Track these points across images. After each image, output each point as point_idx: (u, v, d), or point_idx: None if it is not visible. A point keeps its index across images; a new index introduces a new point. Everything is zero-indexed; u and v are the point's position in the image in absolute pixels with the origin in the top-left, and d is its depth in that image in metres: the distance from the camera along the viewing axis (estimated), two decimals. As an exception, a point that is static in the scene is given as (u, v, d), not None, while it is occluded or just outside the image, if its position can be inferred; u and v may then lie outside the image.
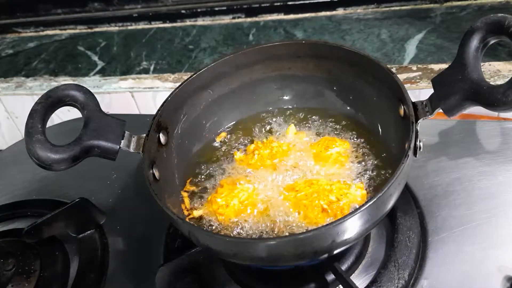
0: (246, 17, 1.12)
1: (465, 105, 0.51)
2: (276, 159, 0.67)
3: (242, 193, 0.62)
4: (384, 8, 1.03)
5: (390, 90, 0.61)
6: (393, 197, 0.52)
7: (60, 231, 0.74)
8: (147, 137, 0.61)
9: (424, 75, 0.90)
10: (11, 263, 0.70)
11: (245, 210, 0.61)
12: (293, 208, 0.60)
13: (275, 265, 0.59)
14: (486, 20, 0.50)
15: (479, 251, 0.62)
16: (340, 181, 0.62)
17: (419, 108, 0.56)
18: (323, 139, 0.68)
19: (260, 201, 0.63)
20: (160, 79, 1.06)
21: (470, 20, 0.95)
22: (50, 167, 0.56)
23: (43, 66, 1.19)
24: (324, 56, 0.69)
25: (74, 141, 0.58)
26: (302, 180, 0.63)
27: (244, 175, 0.67)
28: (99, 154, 0.59)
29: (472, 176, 0.71)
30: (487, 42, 0.51)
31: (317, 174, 0.65)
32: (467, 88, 0.50)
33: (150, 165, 0.60)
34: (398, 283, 0.60)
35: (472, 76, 0.50)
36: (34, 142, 0.55)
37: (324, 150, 0.66)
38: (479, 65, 0.51)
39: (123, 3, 1.18)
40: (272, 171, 0.66)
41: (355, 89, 0.69)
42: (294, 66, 0.72)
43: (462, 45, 0.52)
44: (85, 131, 0.58)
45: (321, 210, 0.58)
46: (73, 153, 0.57)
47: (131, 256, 0.72)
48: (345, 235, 0.49)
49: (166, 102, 0.65)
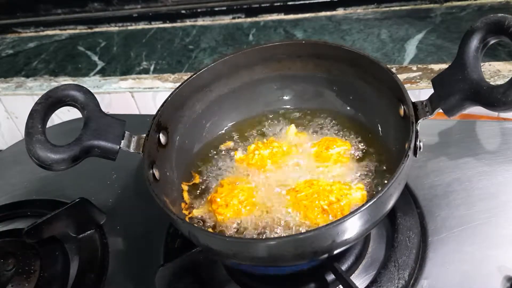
0: (246, 17, 1.12)
1: (465, 105, 0.51)
2: (276, 159, 0.67)
3: (241, 193, 0.62)
4: (384, 8, 1.03)
5: (390, 90, 0.61)
6: (393, 198, 0.52)
7: (60, 231, 0.74)
8: (147, 137, 0.61)
9: (424, 75, 0.90)
10: (11, 263, 0.70)
11: (244, 210, 0.61)
12: (292, 209, 0.60)
13: (275, 265, 0.59)
14: (486, 20, 0.50)
15: (479, 251, 0.62)
16: (341, 182, 0.62)
17: (419, 108, 0.56)
18: (324, 139, 0.68)
19: (260, 201, 0.63)
20: (160, 79, 1.06)
21: (470, 20, 0.95)
22: (50, 167, 0.56)
23: (43, 66, 1.19)
24: (324, 56, 0.69)
25: (74, 141, 0.58)
26: (302, 181, 0.63)
27: (245, 175, 0.67)
28: (99, 154, 0.59)
29: (472, 176, 0.71)
30: (487, 42, 0.51)
31: (318, 174, 0.65)
32: (467, 88, 0.50)
33: (150, 165, 0.60)
34: (398, 283, 0.60)
35: (472, 76, 0.50)
36: (34, 142, 0.55)
37: (325, 151, 0.66)
38: (479, 65, 0.51)
39: (123, 3, 1.18)
40: (272, 171, 0.66)
41: (355, 89, 0.69)
42: (294, 66, 0.72)
43: (462, 45, 0.52)
44: (85, 131, 0.58)
45: (321, 210, 0.58)
46: (73, 153, 0.57)
47: (131, 256, 0.72)
48: (345, 235, 0.49)
49: (166, 102, 0.65)
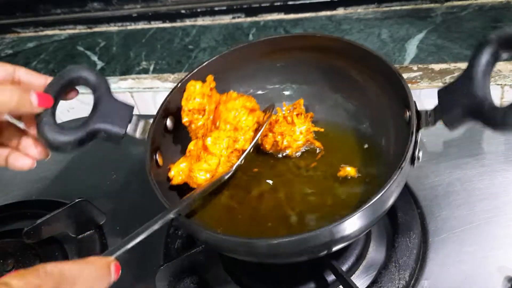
0: (246, 17, 1.11)
1: (465, 120, 0.50)
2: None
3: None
4: (384, 8, 1.03)
5: (396, 94, 0.60)
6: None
7: (59, 232, 0.74)
8: (153, 123, 0.62)
9: (424, 75, 0.90)
10: (10, 264, 0.70)
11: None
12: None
13: (271, 261, 0.59)
14: (500, 34, 0.48)
15: (480, 252, 0.62)
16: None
17: (423, 118, 0.54)
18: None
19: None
20: (159, 79, 1.05)
21: (471, 20, 0.95)
22: (56, 149, 0.57)
23: (43, 66, 1.18)
24: (328, 50, 0.68)
25: (81, 124, 0.58)
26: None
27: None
28: (105, 137, 0.60)
29: (472, 176, 0.71)
30: (498, 56, 0.49)
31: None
32: (470, 104, 0.48)
33: (154, 150, 0.61)
34: (399, 284, 0.60)
35: (477, 92, 0.48)
36: (44, 124, 0.56)
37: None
38: (487, 81, 0.49)
39: (122, 3, 1.18)
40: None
41: (358, 87, 0.68)
42: (296, 60, 0.72)
43: (473, 58, 0.49)
44: (93, 114, 0.59)
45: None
46: (79, 136, 0.57)
47: (131, 256, 0.72)
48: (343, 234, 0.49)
49: (176, 88, 0.65)
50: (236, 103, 0.63)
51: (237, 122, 0.63)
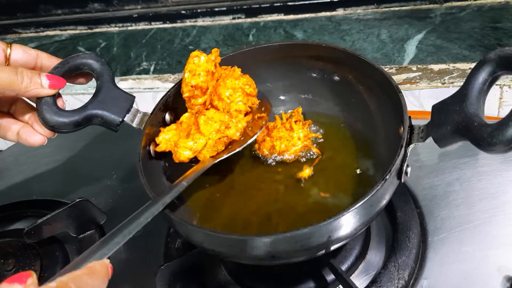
0: (246, 18, 1.11)
1: (455, 138, 0.49)
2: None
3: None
4: (383, 8, 1.03)
5: (393, 107, 0.59)
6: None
7: (60, 232, 0.74)
8: (151, 115, 0.63)
9: (424, 75, 0.90)
10: (11, 264, 0.70)
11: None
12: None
13: (269, 263, 0.59)
14: (500, 53, 0.47)
15: (479, 251, 0.62)
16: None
17: (415, 133, 0.54)
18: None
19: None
20: (160, 80, 1.06)
21: (469, 20, 0.95)
22: (53, 129, 0.59)
23: (43, 67, 1.19)
24: (328, 59, 0.69)
25: (79, 108, 0.60)
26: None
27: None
28: (101, 123, 0.62)
29: (471, 176, 0.71)
30: (496, 76, 0.48)
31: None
32: (460, 121, 0.48)
33: (148, 141, 0.62)
34: (398, 283, 0.60)
35: (469, 110, 0.47)
36: (43, 104, 0.58)
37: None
38: (481, 99, 0.48)
39: (123, 4, 1.18)
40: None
41: (356, 97, 0.69)
42: (299, 68, 0.72)
43: (470, 76, 0.49)
44: (92, 100, 0.61)
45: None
46: (75, 119, 0.60)
47: (131, 256, 0.72)
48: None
49: (176, 86, 0.66)
50: (236, 82, 0.63)
51: (230, 102, 0.63)
